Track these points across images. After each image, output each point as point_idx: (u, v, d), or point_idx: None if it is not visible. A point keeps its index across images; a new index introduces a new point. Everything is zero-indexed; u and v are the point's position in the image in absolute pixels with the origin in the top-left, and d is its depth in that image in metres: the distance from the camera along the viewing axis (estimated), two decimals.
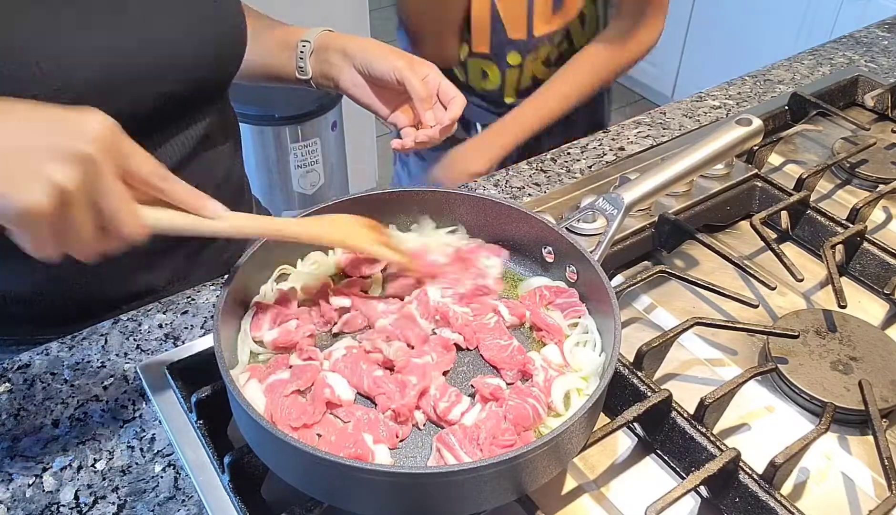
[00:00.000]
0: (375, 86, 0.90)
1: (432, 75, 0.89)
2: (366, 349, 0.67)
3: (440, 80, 0.89)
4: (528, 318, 0.71)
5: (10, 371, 0.74)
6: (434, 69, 0.90)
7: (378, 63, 0.87)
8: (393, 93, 0.89)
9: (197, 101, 0.82)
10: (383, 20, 3.98)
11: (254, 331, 0.67)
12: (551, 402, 0.63)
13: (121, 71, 0.71)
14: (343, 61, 0.91)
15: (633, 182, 0.77)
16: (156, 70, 0.74)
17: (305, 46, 0.93)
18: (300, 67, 0.94)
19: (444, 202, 0.77)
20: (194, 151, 0.84)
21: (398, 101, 0.90)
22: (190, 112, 0.83)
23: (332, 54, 0.91)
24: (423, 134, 0.88)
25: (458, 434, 0.59)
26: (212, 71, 0.81)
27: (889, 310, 0.85)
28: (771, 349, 0.76)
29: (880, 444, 0.65)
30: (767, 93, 1.22)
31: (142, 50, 0.73)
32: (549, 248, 0.74)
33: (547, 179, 1.02)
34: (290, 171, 2.03)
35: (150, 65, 0.74)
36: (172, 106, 0.78)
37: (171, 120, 0.80)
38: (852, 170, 1.02)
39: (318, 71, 0.94)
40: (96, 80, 0.70)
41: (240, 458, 0.61)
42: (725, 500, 0.64)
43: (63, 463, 0.66)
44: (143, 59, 0.73)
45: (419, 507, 0.56)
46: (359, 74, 0.90)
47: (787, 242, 0.94)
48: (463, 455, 0.58)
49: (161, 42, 0.75)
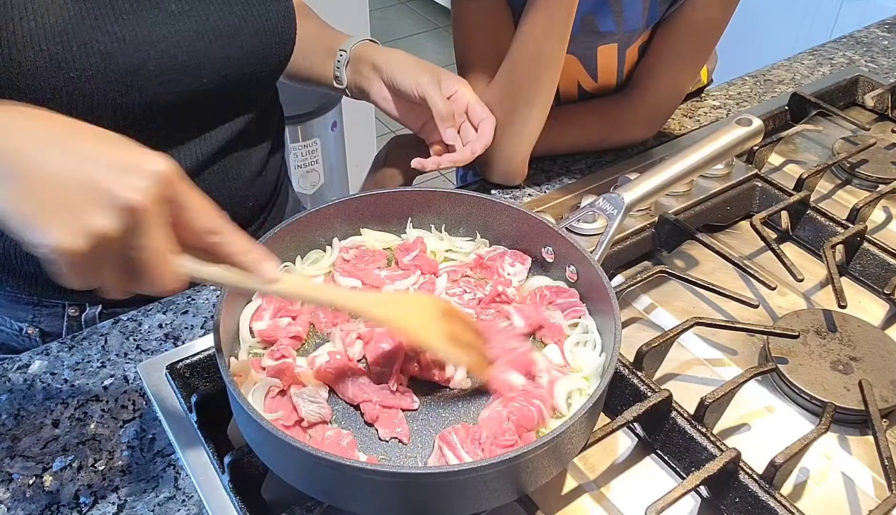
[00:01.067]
0: (402, 101, 0.89)
1: (461, 92, 0.87)
2: (349, 356, 0.66)
3: (469, 97, 0.87)
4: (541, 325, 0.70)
5: (10, 371, 0.74)
6: (465, 85, 0.88)
7: (402, 78, 0.86)
8: (421, 108, 0.88)
9: (234, 96, 0.82)
10: (383, 20, 3.99)
11: (253, 321, 0.67)
12: (555, 403, 0.63)
13: (157, 61, 0.72)
14: (373, 74, 0.90)
15: (633, 182, 0.77)
16: (186, 65, 0.74)
17: (342, 56, 0.92)
18: (337, 76, 0.93)
19: (445, 202, 0.77)
20: (229, 146, 0.84)
21: (427, 116, 0.89)
22: (226, 107, 0.82)
23: (364, 66, 0.91)
24: (447, 159, 0.86)
25: (461, 434, 0.59)
26: (252, 68, 0.81)
27: (889, 310, 0.85)
28: (771, 349, 0.76)
29: (880, 444, 0.65)
30: (767, 93, 1.22)
31: (174, 44, 0.73)
32: (549, 248, 0.74)
33: (547, 179, 1.02)
34: (290, 171, 2.03)
35: (181, 59, 0.74)
36: (207, 100, 0.78)
37: (203, 114, 0.80)
38: (852, 170, 1.02)
39: (352, 82, 0.93)
40: (131, 67, 0.70)
41: (240, 458, 0.61)
42: (725, 500, 0.64)
43: (63, 463, 0.66)
44: (174, 53, 0.73)
45: (419, 507, 0.56)
46: (386, 88, 0.89)
47: (787, 242, 0.94)
48: (464, 455, 0.58)
49: (201, 36, 0.75)
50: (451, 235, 0.78)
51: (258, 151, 0.90)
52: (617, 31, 0.99)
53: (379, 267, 0.74)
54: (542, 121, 0.94)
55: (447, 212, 0.77)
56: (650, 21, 1.00)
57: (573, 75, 1.06)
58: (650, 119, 1.05)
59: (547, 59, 0.89)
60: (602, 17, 0.98)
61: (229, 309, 0.64)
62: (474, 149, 0.86)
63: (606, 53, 1.03)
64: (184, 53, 0.74)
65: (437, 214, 0.77)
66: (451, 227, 0.78)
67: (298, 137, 1.98)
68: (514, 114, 0.93)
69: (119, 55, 0.70)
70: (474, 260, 0.75)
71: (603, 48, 1.02)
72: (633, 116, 1.05)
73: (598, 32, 1.00)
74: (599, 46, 1.02)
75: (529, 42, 0.88)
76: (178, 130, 0.79)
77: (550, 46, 0.88)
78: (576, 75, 1.06)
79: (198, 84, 0.76)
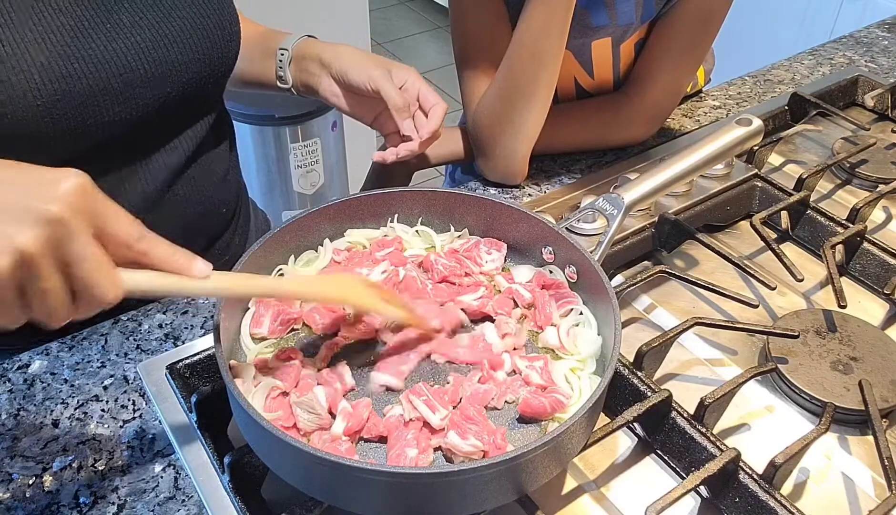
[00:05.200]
0: (354, 95, 0.88)
1: (411, 81, 0.86)
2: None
3: (420, 85, 0.87)
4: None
5: (10, 371, 0.74)
6: (413, 74, 0.87)
7: (353, 73, 0.85)
8: (373, 101, 0.87)
9: (195, 102, 0.82)
10: (383, 20, 3.99)
11: (253, 328, 0.67)
12: (557, 388, 0.64)
13: (120, 77, 0.71)
14: (321, 70, 0.89)
15: (633, 182, 0.77)
16: (150, 76, 0.74)
17: (284, 55, 0.91)
18: (280, 75, 0.92)
19: (444, 202, 0.77)
20: (196, 152, 0.84)
21: (379, 108, 0.88)
22: (189, 114, 0.82)
23: (310, 63, 0.89)
24: (403, 148, 0.86)
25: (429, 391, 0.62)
26: (209, 70, 0.81)
27: (889, 310, 0.85)
28: (771, 349, 0.76)
29: (880, 444, 0.65)
30: (767, 93, 1.22)
31: (135, 57, 0.72)
32: (549, 248, 0.74)
33: (547, 179, 1.02)
34: (290, 171, 2.03)
35: (144, 71, 0.73)
36: (172, 108, 0.78)
37: (171, 123, 0.80)
38: (852, 170, 1.02)
39: (297, 80, 0.92)
40: (96, 87, 0.69)
41: (240, 458, 0.61)
42: (725, 500, 0.64)
43: (63, 463, 0.66)
44: (135, 66, 0.72)
45: (419, 507, 0.56)
46: (336, 84, 0.88)
47: (787, 242, 0.94)
48: (425, 407, 0.60)
49: (157, 45, 0.74)
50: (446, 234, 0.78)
51: (220, 153, 0.89)
52: (610, 24, 0.99)
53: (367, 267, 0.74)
54: (542, 119, 0.94)
55: (447, 213, 0.77)
56: (645, 17, 1.00)
57: (570, 72, 1.06)
58: (649, 117, 1.05)
59: (545, 57, 0.89)
60: (595, 11, 0.98)
61: (229, 309, 0.64)
62: (422, 135, 0.86)
63: (601, 48, 1.03)
64: (144, 65, 0.73)
65: (437, 214, 0.77)
66: (448, 227, 0.78)
67: (298, 137, 1.97)
68: (513, 112, 0.93)
69: (81, 77, 0.68)
70: (448, 252, 0.75)
71: (597, 43, 1.02)
72: (633, 113, 1.05)
73: (592, 27, 1.00)
74: (594, 42, 1.02)
75: (527, 40, 0.88)
76: (147, 143, 0.78)
77: (548, 44, 0.88)
78: (572, 72, 1.06)
79: (161, 94, 0.75)
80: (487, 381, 0.65)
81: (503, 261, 0.76)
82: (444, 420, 0.60)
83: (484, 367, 0.65)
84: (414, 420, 0.61)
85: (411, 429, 0.60)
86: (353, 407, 0.61)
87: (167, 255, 0.53)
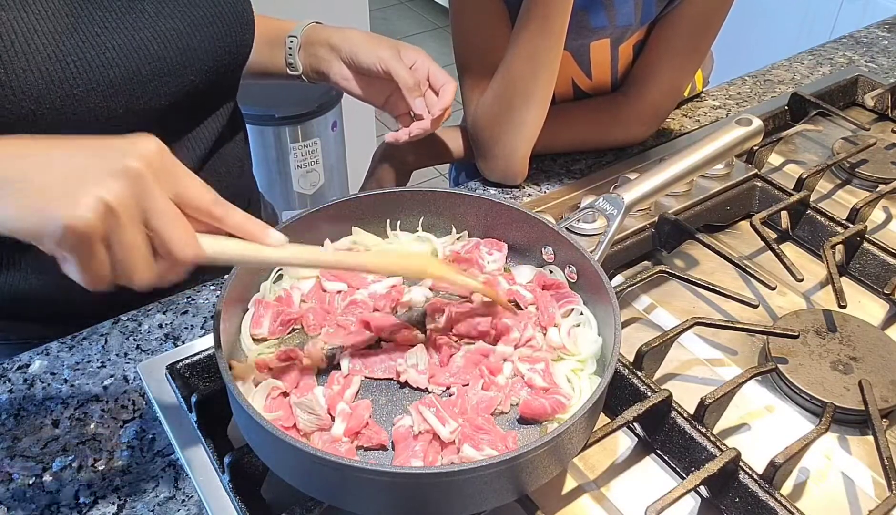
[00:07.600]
0: (364, 77, 0.89)
1: (420, 61, 0.87)
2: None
3: (429, 65, 0.87)
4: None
5: (10, 371, 0.74)
6: (422, 54, 0.88)
7: (363, 55, 0.86)
8: (384, 83, 0.88)
9: (216, 90, 0.82)
10: (383, 20, 3.98)
11: (253, 328, 0.67)
12: (558, 389, 0.63)
13: (148, 65, 0.72)
14: (330, 55, 0.89)
15: (633, 182, 0.77)
16: (176, 64, 0.75)
17: (293, 42, 0.92)
18: (290, 63, 0.93)
19: (444, 202, 0.77)
20: (217, 142, 0.84)
21: (390, 90, 0.89)
22: (210, 103, 0.83)
23: (320, 48, 0.90)
24: (416, 127, 0.86)
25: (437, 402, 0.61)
26: (228, 58, 0.81)
27: (889, 310, 0.85)
28: (771, 349, 0.76)
29: (880, 444, 0.65)
30: (767, 93, 1.22)
31: (161, 45, 0.73)
32: (549, 248, 0.74)
33: (547, 179, 1.02)
34: (290, 171, 2.03)
35: (171, 60, 0.74)
36: (196, 97, 0.79)
37: (194, 112, 0.81)
38: (852, 170, 1.02)
39: (307, 66, 0.92)
40: (127, 75, 0.70)
41: (240, 458, 0.61)
42: (725, 500, 0.64)
43: (63, 463, 0.66)
44: (163, 55, 0.73)
45: (419, 507, 0.56)
46: (346, 67, 0.89)
47: (787, 242, 0.94)
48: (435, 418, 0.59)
49: (180, 33, 0.75)
50: (447, 236, 0.78)
51: (237, 143, 0.90)
52: (609, 25, 0.99)
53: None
54: (541, 120, 0.94)
55: (447, 213, 0.77)
56: (645, 18, 1.00)
57: (568, 73, 1.06)
58: (649, 117, 1.05)
59: (543, 58, 0.89)
60: (594, 12, 0.98)
61: (229, 309, 0.64)
62: (433, 113, 0.86)
63: (599, 49, 1.03)
64: (170, 53, 0.74)
65: (437, 215, 0.77)
66: (448, 228, 0.78)
67: (298, 137, 1.97)
68: (512, 112, 0.93)
69: (113, 65, 0.69)
70: (450, 255, 0.75)
71: (595, 44, 1.02)
72: (632, 113, 1.05)
73: (590, 28, 1.00)
74: (592, 43, 1.02)
75: (525, 41, 0.88)
76: (172, 134, 0.79)
77: (547, 45, 0.88)
78: (570, 73, 1.06)
79: (185, 82, 0.76)
80: (490, 387, 0.64)
81: (504, 261, 0.76)
82: (454, 433, 0.59)
83: (484, 374, 0.65)
84: (423, 433, 0.60)
85: (420, 441, 0.60)
86: (353, 409, 0.61)
87: (243, 221, 0.54)
